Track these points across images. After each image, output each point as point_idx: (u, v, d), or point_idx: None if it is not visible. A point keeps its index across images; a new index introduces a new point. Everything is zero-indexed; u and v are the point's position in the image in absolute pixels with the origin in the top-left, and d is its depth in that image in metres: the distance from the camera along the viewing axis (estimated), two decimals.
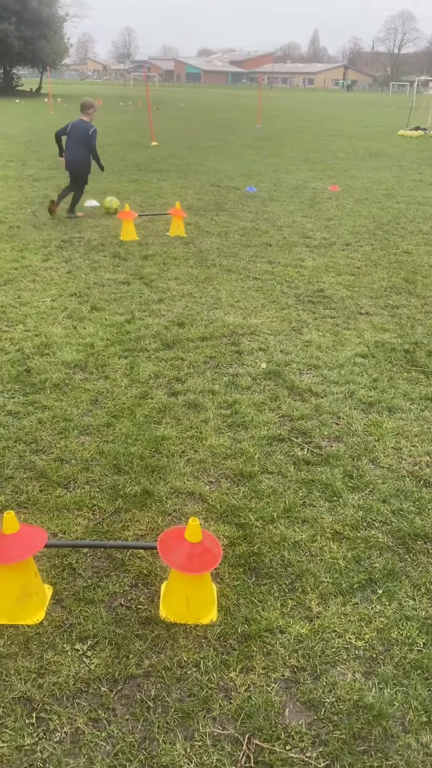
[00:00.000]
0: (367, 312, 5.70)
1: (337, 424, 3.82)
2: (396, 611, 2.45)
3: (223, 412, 3.90)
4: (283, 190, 11.60)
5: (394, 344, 4.98)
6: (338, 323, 5.42)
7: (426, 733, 2.00)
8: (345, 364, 4.62)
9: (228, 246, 7.71)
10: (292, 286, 6.32)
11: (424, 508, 3.06)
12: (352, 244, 7.98)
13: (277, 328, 5.28)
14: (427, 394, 4.19)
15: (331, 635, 2.35)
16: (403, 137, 23.27)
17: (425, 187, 12.30)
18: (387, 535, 2.88)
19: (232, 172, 13.53)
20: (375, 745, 1.97)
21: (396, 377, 4.44)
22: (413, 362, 4.68)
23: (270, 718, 2.04)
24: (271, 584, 2.58)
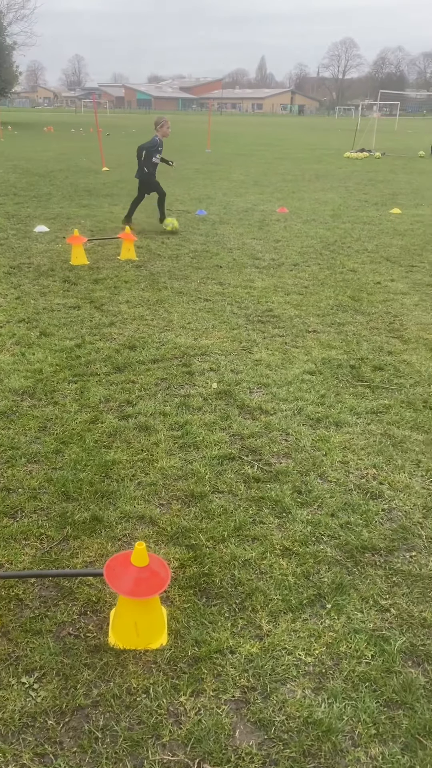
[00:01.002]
0: (314, 330, 5.80)
1: (286, 441, 3.86)
2: (345, 625, 2.47)
3: (174, 433, 3.90)
4: (233, 213, 11.76)
5: (340, 360, 5.07)
6: (287, 342, 5.50)
7: (375, 745, 2.02)
8: (293, 381, 4.68)
9: (179, 268, 7.76)
10: (242, 307, 6.39)
11: (371, 520, 3.11)
12: (300, 264, 8.13)
13: (228, 348, 5.33)
14: (372, 407, 4.27)
15: (281, 653, 2.35)
16: (348, 159, 23.93)
17: (370, 207, 12.64)
18: (335, 549, 2.91)
19: (182, 195, 13.66)
20: (325, 761, 1.97)
21: (342, 392, 4.52)
22: (359, 377, 4.77)
23: (220, 741, 2.03)
24: (222, 604, 2.58)
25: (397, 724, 2.07)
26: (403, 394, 4.50)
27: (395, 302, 6.67)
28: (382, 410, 4.26)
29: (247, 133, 43.72)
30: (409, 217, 11.59)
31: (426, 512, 3.18)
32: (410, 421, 4.10)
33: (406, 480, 3.46)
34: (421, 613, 2.52)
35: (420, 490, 3.37)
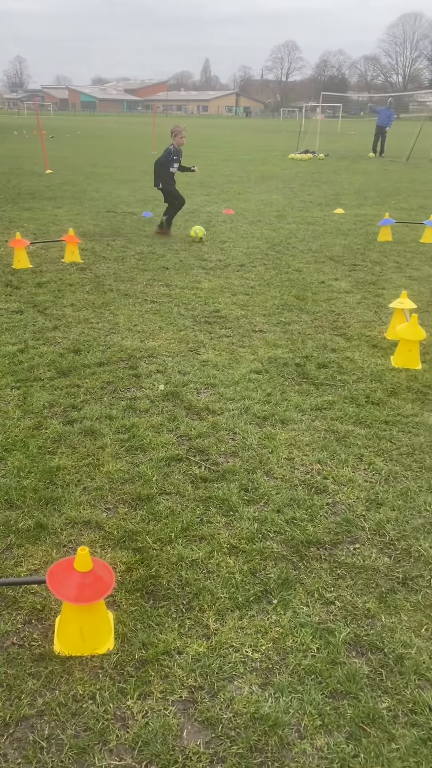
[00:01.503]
0: (260, 329, 5.85)
1: (233, 440, 3.88)
2: (291, 619, 2.50)
3: (120, 436, 3.87)
4: (179, 214, 11.73)
5: (286, 359, 5.13)
6: (234, 342, 5.53)
7: (320, 736, 2.04)
8: (240, 381, 4.71)
9: (125, 270, 7.71)
10: (189, 308, 6.40)
11: (315, 514, 3.15)
12: (246, 264, 8.19)
13: (175, 349, 5.32)
14: (317, 404, 4.34)
15: (228, 651, 2.36)
16: (293, 160, 24.23)
17: (314, 208, 12.83)
18: (281, 544, 2.94)
19: (128, 197, 13.59)
20: (272, 755, 1.98)
21: (288, 390, 4.57)
22: (304, 375, 4.83)
23: (168, 742, 2.02)
24: (169, 606, 2.57)
25: (341, 714, 2.11)
26: (347, 390, 4.58)
27: (339, 301, 6.78)
28: (326, 406, 4.33)
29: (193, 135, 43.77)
30: (352, 217, 11.81)
31: (368, 505, 3.24)
32: (353, 416, 4.18)
33: (349, 474, 3.52)
34: (365, 604, 2.57)
35: (363, 483, 3.43)
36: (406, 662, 2.30)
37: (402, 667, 2.28)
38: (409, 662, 2.30)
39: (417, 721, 2.08)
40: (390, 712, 2.12)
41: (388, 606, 2.57)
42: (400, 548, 2.92)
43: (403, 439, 3.90)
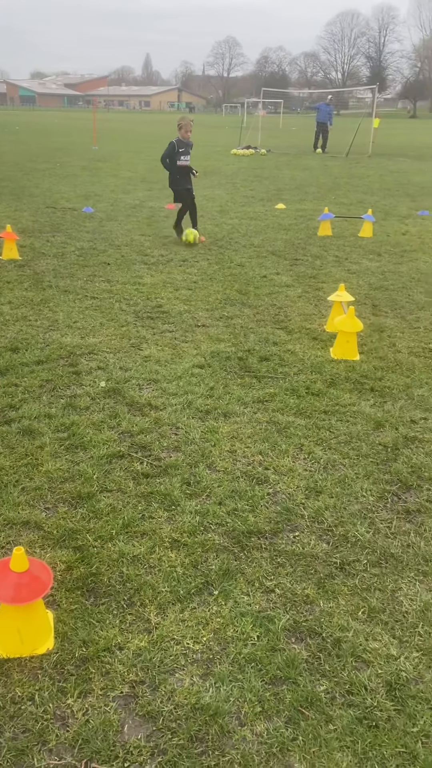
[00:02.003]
0: (203, 324, 5.86)
1: (175, 435, 3.88)
2: (232, 609, 2.52)
3: (60, 435, 3.82)
4: (121, 209, 11.66)
5: (228, 353, 5.16)
6: (176, 337, 5.52)
7: (260, 722, 2.07)
8: (183, 375, 4.71)
9: (65, 267, 7.60)
10: (130, 304, 6.35)
11: (257, 505, 3.18)
12: (189, 260, 8.18)
13: (117, 345, 5.28)
14: (259, 396, 4.38)
15: (169, 644, 2.36)
16: (235, 156, 24.32)
17: (256, 203, 12.93)
18: (223, 536, 2.96)
19: (68, 193, 13.38)
20: (212, 743, 2.00)
21: (231, 384, 4.59)
22: (246, 368, 4.87)
23: (108, 739, 2.01)
24: (110, 602, 2.55)
25: (281, 699, 2.14)
26: (288, 382, 4.64)
27: (280, 295, 6.85)
28: (267, 399, 4.38)
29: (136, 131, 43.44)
30: (293, 212, 11.95)
31: (308, 493, 3.30)
32: (294, 408, 4.23)
33: (289, 464, 3.57)
34: (304, 591, 2.62)
35: (302, 473, 3.49)
36: (343, 645, 2.35)
37: (339, 650, 2.33)
38: (347, 645, 2.35)
39: (353, 702, 2.13)
40: (328, 694, 2.16)
41: (327, 591, 2.62)
42: (338, 534, 2.98)
43: (341, 428, 3.98)
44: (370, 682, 2.20)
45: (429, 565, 2.78)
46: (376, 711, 2.10)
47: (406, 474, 3.48)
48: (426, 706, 2.11)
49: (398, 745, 1.99)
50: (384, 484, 3.41)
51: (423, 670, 2.26)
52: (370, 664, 2.28)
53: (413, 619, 2.48)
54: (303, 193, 14.48)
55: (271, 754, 1.97)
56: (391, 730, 2.04)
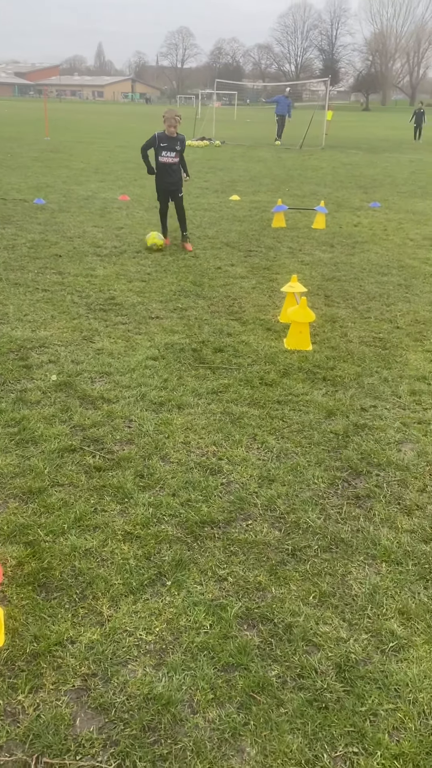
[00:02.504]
0: (157, 316, 5.84)
1: (129, 428, 3.86)
2: (185, 599, 2.53)
3: (9, 430, 3.75)
4: (73, 201, 11.49)
5: (183, 344, 5.15)
6: (130, 329, 5.48)
7: (212, 709, 2.09)
8: (136, 368, 4.68)
9: (15, 259, 7.45)
10: (83, 296, 6.28)
11: (210, 495, 3.20)
12: (143, 251, 8.12)
13: (68, 338, 5.21)
14: (213, 388, 4.39)
15: (122, 636, 2.36)
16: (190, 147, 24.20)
17: (210, 194, 12.91)
18: (176, 527, 2.96)
19: (19, 184, 13.10)
20: (165, 732, 2.01)
21: (185, 375, 4.59)
22: (201, 360, 4.87)
23: (60, 733, 2.00)
24: (62, 596, 2.53)
25: (233, 686, 2.16)
26: (242, 373, 4.66)
27: (234, 286, 6.87)
28: (222, 390, 4.39)
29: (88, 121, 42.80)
30: (247, 204, 11.98)
31: (261, 482, 3.33)
32: (248, 398, 4.26)
33: (243, 453, 3.59)
34: (256, 578, 2.64)
35: (256, 462, 3.51)
36: (294, 630, 2.39)
37: (291, 635, 2.37)
38: (298, 630, 2.39)
39: (304, 685, 2.17)
40: (279, 678, 2.20)
41: (278, 577, 2.65)
42: (289, 521, 3.02)
43: (294, 417, 4.02)
44: (321, 665, 2.24)
45: (378, 549, 2.84)
46: (326, 693, 2.14)
47: (356, 460, 3.54)
48: (374, 686, 2.16)
49: (347, 724, 2.03)
50: (335, 471, 3.46)
51: (371, 651, 2.31)
52: (320, 648, 2.32)
53: (362, 602, 2.53)
54: (257, 185, 14.52)
55: (223, 739, 1.99)
56: (341, 710, 2.08)
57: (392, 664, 2.25)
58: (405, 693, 2.14)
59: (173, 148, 8.02)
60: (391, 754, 1.94)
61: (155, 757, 1.93)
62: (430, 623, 2.44)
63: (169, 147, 8.01)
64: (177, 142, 8.03)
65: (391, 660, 2.27)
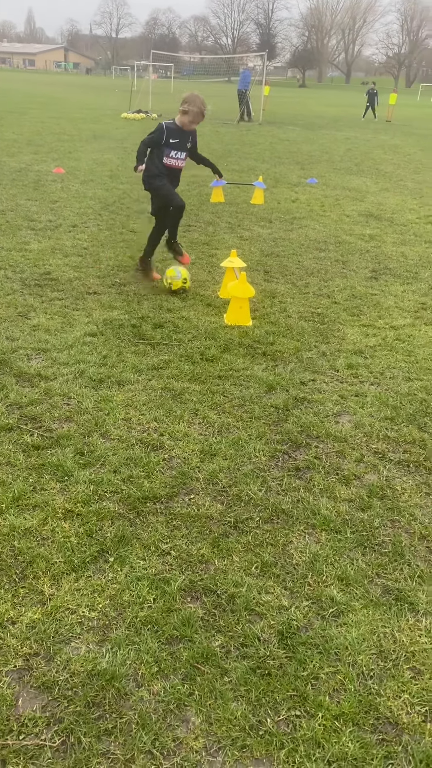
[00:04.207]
0: (95, 291, 5.72)
1: (67, 405, 3.78)
2: (127, 574, 2.52)
3: None
4: (5, 173, 11.07)
5: (122, 320, 5.07)
6: (67, 305, 5.36)
7: (157, 681, 2.10)
8: (74, 344, 4.59)
9: None
10: (17, 271, 6.08)
11: (152, 470, 3.18)
12: (79, 225, 7.93)
13: (2, 314, 5.04)
14: (153, 364, 4.35)
15: (64, 614, 2.33)
16: (126, 120, 23.70)
17: None
18: (118, 503, 2.93)
19: None
20: (109, 707, 2.00)
21: (125, 351, 4.53)
22: (140, 336, 4.81)
23: (2, 713, 1.96)
24: (1, 577, 2.47)
25: (177, 658, 2.17)
26: (182, 349, 4.63)
27: (174, 261, 6.79)
28: (162, 365, 4.35)
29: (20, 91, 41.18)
30: (185, 178, 11.68)
31: (203, 456, 3.33)
32: (188, 374, 4.24)
33: (184, 429, 3.58)
34: (199, 551, 2.66)
35: (197, 437, 3.51)
36: (237, 600, 2.41)
37: (234, 605, 2.40)
38: (240, 600, 2.41)
39: (247, 653, 2.20)
40: (223, 648, 2.22)
41: (221, 550, 2.67)
42: (231, 494, 3.04)
43: (234, 392, 4.04)
44: (263, 633, 2.28)
45: (317, 518, 2.90)
46: (268, 660, 2.18)
47: (296, 433, 3.59)
48: (315, 651, 2.22)
49: (289, 689, 2.08)
50: (275, 444, 3.50)
51: (312, 617, 2.36)
52: (263, 616, 2.35)
53: (303, 570, 2.58)
54: None
55: (169, 710, 2.00)
56: (283, 676, 2.12)
57: (332, 629, 2.31)
58: (345, 656, 2.21)
59: (184, 146, 5.90)
60: (331, 715, 2.00)
61: (100, 732, 1.92)
62: (368, 588, 2.51)
63: (180, 145, 5.85)
64: (189, 137, 5.94)
65: (331, 625, 2.33)
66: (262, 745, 1.91)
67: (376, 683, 2.12)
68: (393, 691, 2.09)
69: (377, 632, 2.31)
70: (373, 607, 2.42)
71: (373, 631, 2.31)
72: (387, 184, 12.65)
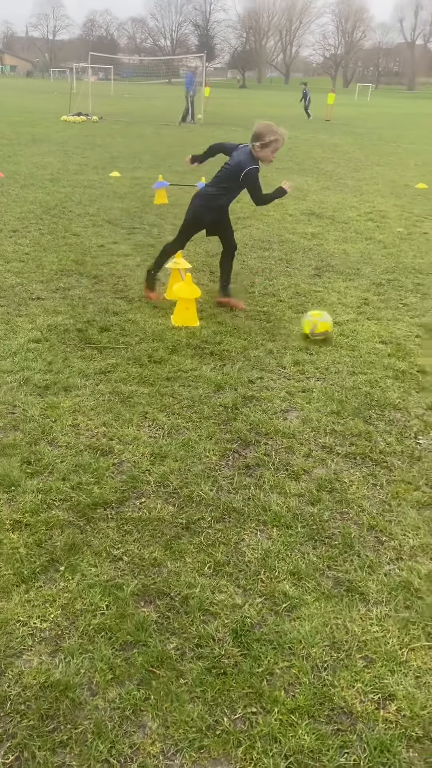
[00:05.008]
0: (38, 297, 5.62)
1: (12, 414, 3.70)
2: (79, 583, 2.48)
3: None
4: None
5: (67, 325, 5.00)
6: (9, 311, 5.25)
7: (112, 688, 2.07)
8: (18, 351, 4.50)
9: None
10: None
11: (101, 476, 3.14)
12: (20, 230, 7.78)
13: None
14: (100, 368, 4.30)
15: (15, 626, 2.28)
16: (66, 123, 23.40)
17: (90, 171, 12.56)
18: (67, 511, 2.89)
19: None
20: (64, 718, 1.97)
21: (71, 357, 4.47)
22: (86, 340, 4.76)
23: None
24: None
25: (132, 663, 2.16)
26: (130, 352, 4.60)
27: (119, 264, 6.74)
28: (110, 369, 4.31)
29: None
30: (128, 180, 11.76)
31: (153, 459, 3.31)
32: (137, 377, 4.21)
33: (134, 432, 3.56)
34: (151, 554, 2.64)
35: (147, 440, 3.49)
36: (191, 602, 2.41)
37: (187, 606, 2.39)
38: (194, 601, 2.41)
39: (202, 654, 2.20)
40: (178, 650, 2.21)
41: (174, 552, 2.66)
42: (183, 495, 3.03)
43: (183, 393, 4.03)
44: (218, 632, 2.28)
45: (268, 515, 2.92)
46: (223, 659, 2.18)
47: (245, 431, 3.61)
48: (269, 647, 2.24)
49: (245, 687, 2.09)
50: (225, 443, 3.51)
51: (265, 613, 2.38)
52: (216, 616, 2.36)
53: (255, 567, 2.60)
54: (138, 161, 14.29)
55: (125, 717, 1.99)
56: (238, 674, 2.13)
57: (286, 624, 2.33)
58: (299, 650, 2.23)
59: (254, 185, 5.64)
60: (287, 709, 2.02)
61: (55, 745, 1.89)
62: (319, 581, 2.55)
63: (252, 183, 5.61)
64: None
65: (285, 620, 2.35)
66: (220, 744, 1.91)
67: (330, 674, 2.15)
68: (346, 681, 2.12)
69: (330, 624, 2.34)
70: (325, 600, 2.45)
71: (326, 623, 2.34)
72: (328, 183, 12.87)
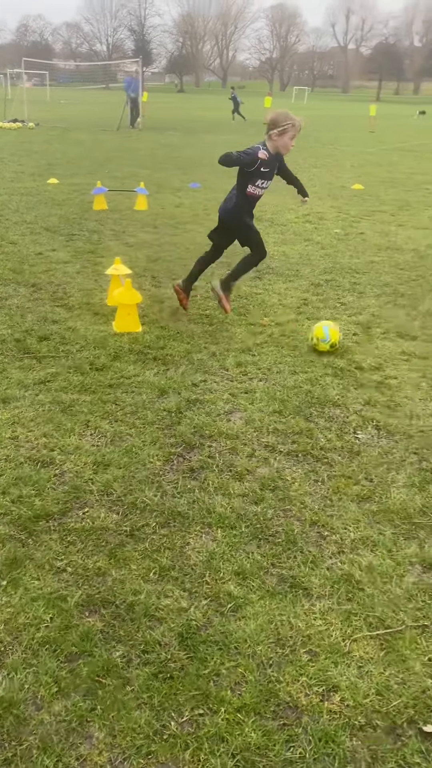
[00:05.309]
0: None
1: None
2: (22, 597, 2.44)
3: None
4: None
5: (4, 336, 4.91)
6: None
7: (58, 701, 2.05)
8: None
9: None
10: None
11: (43, 488, 3.10)
12: None
13: None
14: (40, 378, 4.25)
15: None
16: (1, 129, 22.97)
17: (26, 178, 12.37)
18: (8, 525, 2.84)
19: None
20: (8, 735, 1.94)
21: (9, 368, 4.39)
22: (25, 350, 4.68)
23: None
24: None
25: (77, 675, 2.13)
26: (70, 360, 4.55)
27: (58, 271, 6.67)
28: (50, 379, 4.26)
29: None
30: (66, 187, 11.64)
31: (96, 468, 3.29)
32: (78, 385, 4.17)
33: (76, 442, 3.52)
34: (96, 564, 2.62)
35: (90, 449, 3.46)
36: (136, 608, 2.40)
37: (133, 613, 2.38)
38: (139, 607, 2.41)
39: (149, 660, 2.20)
40: (124, 658, 2.20)
41: (118, 560, 2.65)
42: (127, 503, 3.02)
43: (127, 400, 4.02)
44: (164, 637, 2.28)
45: (213, 517, 2.94)
46: (170, 663, 2.18)
47: (189, 435, 3.62)
48: (215, 648, 2.25)
49: (192, 689, 2.10)
50: (169, 447, 3.52)
51: (211, 615, 2.39)
52: (162, 621, 2.36)
53: (200, 570, 2.61)
54: (76, 168, 14.16)
55: (71, 729, 1.97)
56: (185, 677, 2.14)
57: (231, 624, 2.35)
58: (244, 649, 2.25)
59: (272, 174, 5.29)
60: (233, 708, 2.03)
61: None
62: (264, 579, 2.58)
63: (269, 174, 5.24)
64: (277, 164, 5.28)
65: (230, 620, 2.37)
66: (167, 748, 1.91)
67: (276, 671, 2.18)
68: (291, 676, 2.16)
69: (275, 621, 2.37)
70: (270, 597, 2.48)
71: (271, 620, 2.37)
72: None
